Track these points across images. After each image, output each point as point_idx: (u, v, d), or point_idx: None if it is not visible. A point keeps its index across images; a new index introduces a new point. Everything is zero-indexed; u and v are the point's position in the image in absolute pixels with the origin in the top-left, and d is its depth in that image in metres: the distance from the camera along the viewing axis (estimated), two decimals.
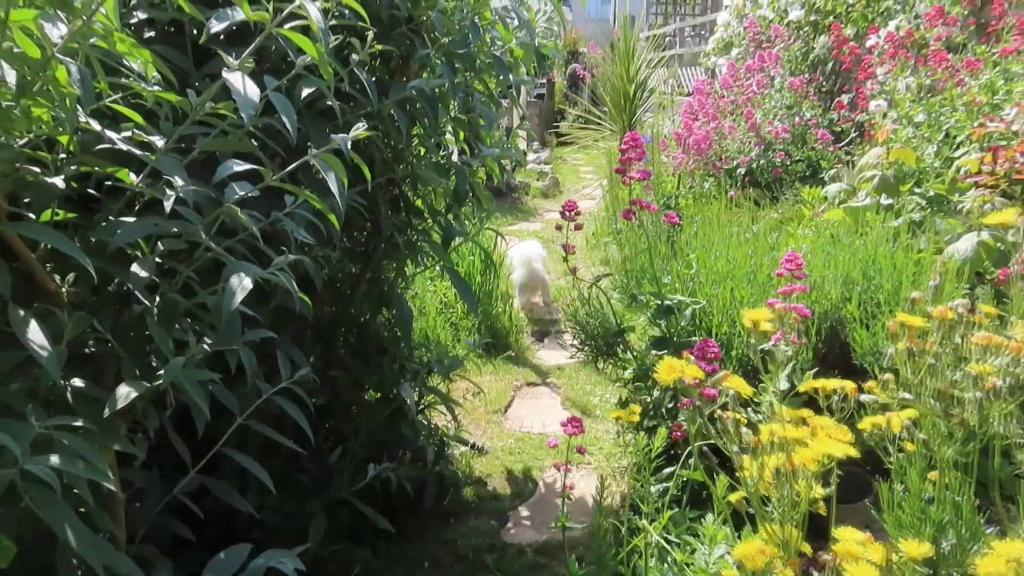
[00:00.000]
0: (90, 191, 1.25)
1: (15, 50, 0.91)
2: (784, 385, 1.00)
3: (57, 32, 0.87)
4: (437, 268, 3.89)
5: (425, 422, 2.19)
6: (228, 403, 1.33)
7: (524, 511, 2.18)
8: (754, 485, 0.73)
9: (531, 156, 8.97)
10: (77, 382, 1.04)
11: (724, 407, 0.84)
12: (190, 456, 1.32)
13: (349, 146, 1.10)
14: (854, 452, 0.73)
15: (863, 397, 0.89)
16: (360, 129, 1.13)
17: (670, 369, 0.91)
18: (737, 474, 0.79)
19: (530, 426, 2.71)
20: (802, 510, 0.72)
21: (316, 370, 1.87)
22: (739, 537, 1.00)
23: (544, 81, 11.29)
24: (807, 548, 0.71)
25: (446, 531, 2.06)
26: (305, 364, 1.49)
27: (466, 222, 2.29)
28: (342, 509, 1.84)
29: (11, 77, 0.87)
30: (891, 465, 0.83)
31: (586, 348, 2.29)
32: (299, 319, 1.85)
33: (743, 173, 3.87)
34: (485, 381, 3.05)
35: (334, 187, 1.08)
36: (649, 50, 7.83)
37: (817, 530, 0.99)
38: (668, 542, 1.15)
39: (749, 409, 1.34)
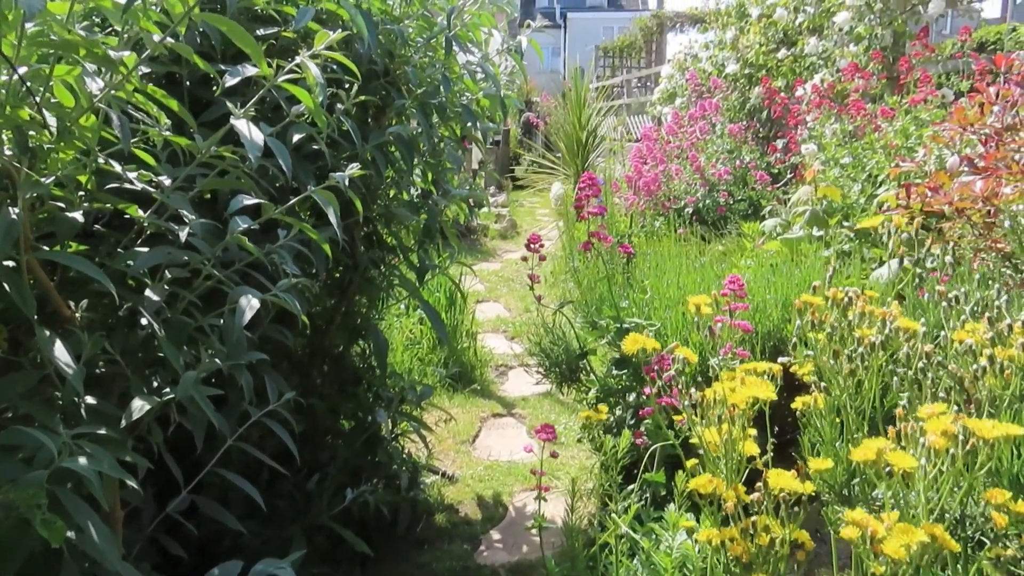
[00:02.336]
0: (96, 227, 1.35)
1: (52, 100, 1.03)
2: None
3: (96, 85, 0.98)
4: (403, 307, 4.01)
5: (398, 450, 2.27)
6: (220, 425, 1.41)
7: (496, 534, 2.27)
8: (703, 428, 0.87)
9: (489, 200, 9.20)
10: (90, 399, 1.12)
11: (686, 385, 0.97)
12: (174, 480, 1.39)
13: (347, 183, 1.23)
14: (773, 396, 0.88)
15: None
16: (354, 168, 1.26)
17: (634, 341, 1.06)
18: (692, 441, 0.92)
19: (498, 455, 2.81)
20: (740, 447, 0.86)
21: (294, 400, 1.96)
22: (698, 522, 1.13)
23: (499, 136, 11.66)
24: (741, 490, 0.85)
25: (421, 555, 2.13)
26: (287, 390, 1.58)
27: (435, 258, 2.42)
28: (320, 535, 1.91)
29: (53, 122, 0.98)
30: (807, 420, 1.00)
31: (551, 375, 2.43)
32: (279, 349, 1.94)
33: (690, 212, 4.11)
34: (452, 413, 3.14)
35: (333, 219, 1.21)
36: (599, 100, 8.20)
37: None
38: (635, 538, 1.27)
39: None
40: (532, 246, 1.92)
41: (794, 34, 4.10)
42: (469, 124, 2.00)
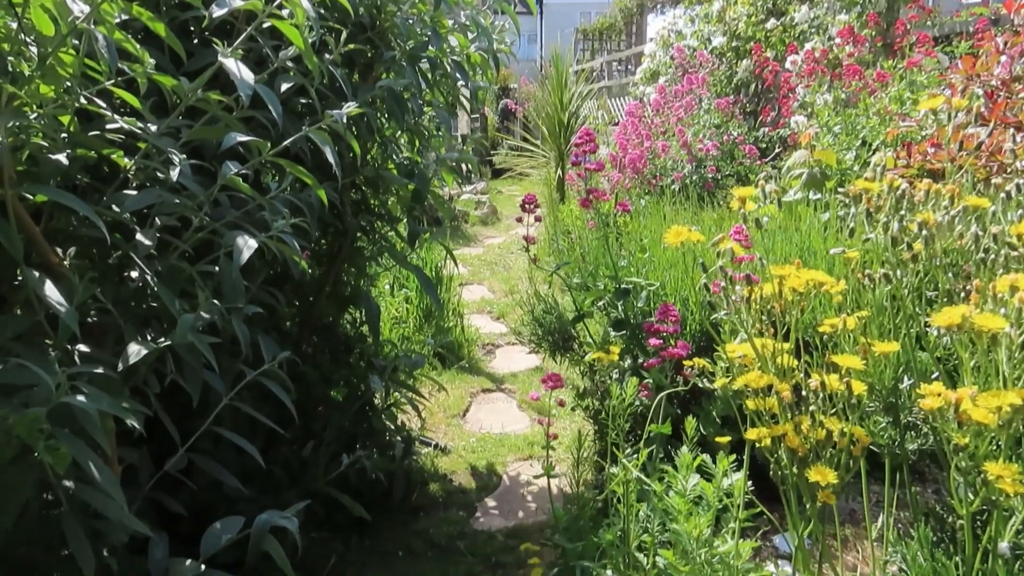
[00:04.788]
0: (79, 179, 1.29)
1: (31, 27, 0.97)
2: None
3: (77, 7, 0.93)
4: (388, 286, 3.96)
5: (392, 419, 2.24)
6: (215, 383, 1.37)
7: (491, 502, 2.24)
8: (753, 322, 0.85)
9: (468, 187, 9.12)
10: (83, 347, 1.07)
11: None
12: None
13: (345, 120, 1.18)
14: (833, 282, 0.86)
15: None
16: (351, 107, 1.22)
17: (676, 234, 1.04)
18: (723, 356, 0.90)
19: (489, 427, 2.79)
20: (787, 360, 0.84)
21: (286, 368, 1.91)
22: (714, 462, 1.12)
23: (477, 116, 11.56)
24: (785, 385, 0.83)
25: (417, 523, 2.10)
26: (279, 352, 1.52)
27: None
28: (316, 501, 1.87)
29: (33, 49, 0.93)
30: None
31: (543, 344, 2.40)
32: (269, 320, 1.89)
33: (677, 189, 4.10)
34: (442, 390, 3.11)
35: (331, 157, 1.17)
36: (579, 83, 8.16)
37: None
38: (646, 482, 1.26)
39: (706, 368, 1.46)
40: (527, 206, 1.89)
41: (783, 3, 4.09)
42: (460, 83, 1.96)
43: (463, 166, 2.32)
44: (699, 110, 4.36)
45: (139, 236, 1.10)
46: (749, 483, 1.19)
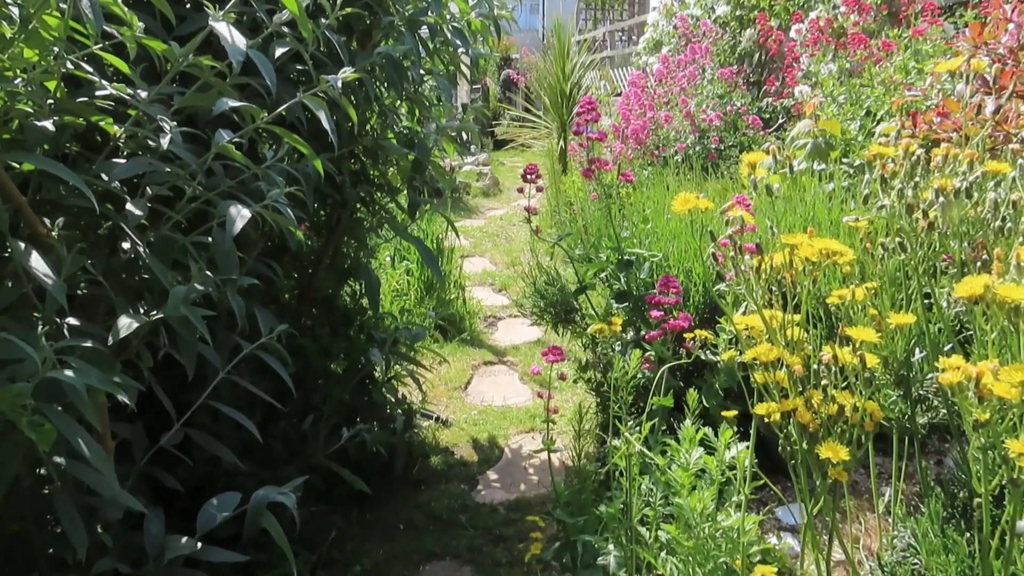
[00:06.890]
0: (68, 148, 1.26)
1: None
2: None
3: None
4: (388, 258, 3.93)
5: (393, 392, 2.23)
6: (211, 357, 1.35)
7: (493, 475, 2.24)
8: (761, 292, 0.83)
9: (469, 159, 9.04)
10: (72, 320, 1.05)
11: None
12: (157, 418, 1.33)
13: (340, 85, 1.15)
14: (847, 251, 0.84)
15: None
16: (347, 72, 1.18)
17: (684, 201, 1.02)
18: (728, 329, 0.88)
19: (491, 400, 2.78)
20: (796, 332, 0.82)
21: (285, 340, 1.89)
22: (716, 435, 1.10)
23: (478, 87, 11.42)
24: (796, 359, 0.81)
25: (418, 496, 2.10)
26: (277, 325, 1.50)
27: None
28: (316, 475, 1.86)
29: (15, 10, 0.89)
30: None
31: (545, 316, 2.38)
32: (268, 293, 1.87)
33: (680, 160, 4.05)
34: (444, 363, 3.10)
35: (327, 124, 1.13)
36: (581, 53, 8.04)
37: None
38: (648, 455, 1.24)
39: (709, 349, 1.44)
40: (528, 177, 1.85)
41: None
42: (461, 50, 1.91)
43: (464, 136, 2.28)
44: (702, 80, 4.29)
45: (129, 206, 1.07)
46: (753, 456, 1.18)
